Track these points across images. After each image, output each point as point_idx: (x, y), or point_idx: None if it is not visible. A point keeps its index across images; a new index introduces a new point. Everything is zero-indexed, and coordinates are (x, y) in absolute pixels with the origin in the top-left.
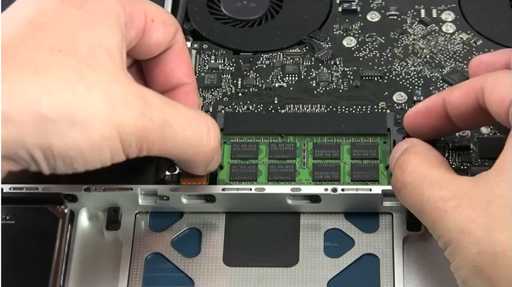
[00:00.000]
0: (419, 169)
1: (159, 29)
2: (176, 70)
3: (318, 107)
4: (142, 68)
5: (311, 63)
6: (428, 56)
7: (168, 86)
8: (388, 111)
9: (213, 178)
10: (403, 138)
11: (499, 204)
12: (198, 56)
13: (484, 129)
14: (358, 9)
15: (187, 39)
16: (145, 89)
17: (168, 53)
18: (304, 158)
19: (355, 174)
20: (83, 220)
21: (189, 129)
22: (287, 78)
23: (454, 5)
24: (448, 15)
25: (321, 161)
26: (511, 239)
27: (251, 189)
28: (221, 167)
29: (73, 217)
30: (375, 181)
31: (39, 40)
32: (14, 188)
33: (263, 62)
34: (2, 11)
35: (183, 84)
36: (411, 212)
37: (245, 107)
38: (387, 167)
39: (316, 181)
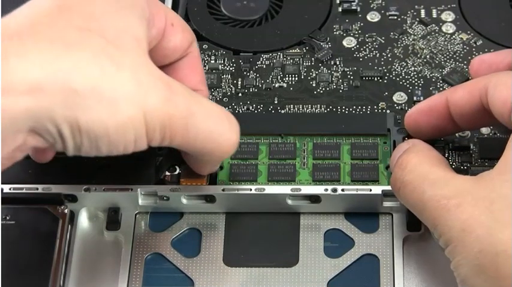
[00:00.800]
0: (420, 167)
1: (177, 34)
2: (189, 77)
3: (318, 107)
4: None
5: (311, 63)
6: (428, 56)
7: None
8: (388, 111)
9: (213, 179)
10: (403, 138)
11: (501, 203)
12: None
13: (484, 130)
14: (358, 9)
15: None
16: (170, 77)
17: (183, 60)
18: (304, 158)
19: (355, 174)
20: (83, 220)
21: (212, 121)
22: (287, 78)
23: (454, 5)
24: (448, 16)
25: (321, 162)
26: None
27: (251, 189)
28: (221, 167)
29: (73, 217)
30: (375, 181)
31: (68, 20)
32: (14, 188)
33: (263, 62)
34: (1, 10)
35: (196, 91)
36: (411, 213)
37: (245, 107)
38: (387, 168)
39: (316, 181)
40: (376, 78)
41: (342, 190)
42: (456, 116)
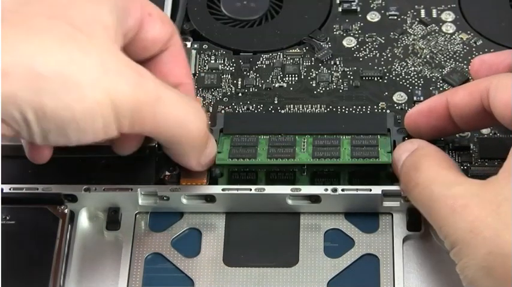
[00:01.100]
0: (431, 169)
1: (156, 24)
2: (174, 70)
3: (318, 107)
4: None
5: (311, 63)
6: (428, 56)
7: None
8: (388, 111)
9: (213, 181)
10: (403, 138)
11: (508, 206)
12: (198, 56)
13: (484, 130)
14: (358, 9)
15: (187, 40)
16: (139, 65)
17: (166, 53)
18: (303, 147)
19: (354, 152)
20: (83, 220)
21: (180, 109)
22: (287, 78)
23: (454, 5)
24: (448, 16)
25: (321, 149)
26: None
27: (251, 189)
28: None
29: (73, 217)
30: (375, 158)
31: (34, 8)
32: (14, 188)
33: (263, 62)
34: None
35: (181, 84)
36: (411, 213)
37: (245, 107)
38: (388, 153)
39: (316, 158)
40: (376, 78)
41: (342, 190)
42: (456, 117)
